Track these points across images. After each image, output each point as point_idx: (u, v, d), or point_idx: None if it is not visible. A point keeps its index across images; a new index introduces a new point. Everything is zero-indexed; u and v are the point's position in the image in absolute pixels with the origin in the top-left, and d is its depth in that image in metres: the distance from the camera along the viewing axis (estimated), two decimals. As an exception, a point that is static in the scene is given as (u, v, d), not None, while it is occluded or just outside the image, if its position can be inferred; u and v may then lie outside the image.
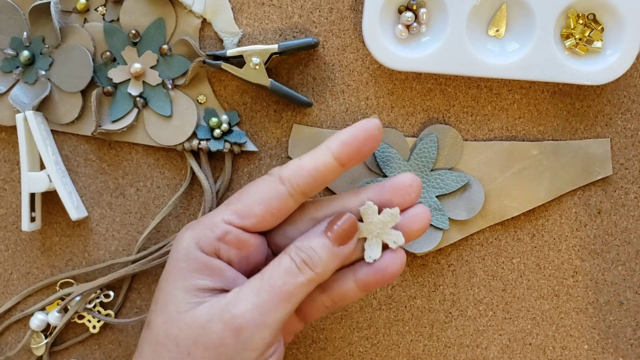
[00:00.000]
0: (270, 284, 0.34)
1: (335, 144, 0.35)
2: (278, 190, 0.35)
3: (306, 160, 0.35)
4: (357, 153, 0.35)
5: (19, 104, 0.43)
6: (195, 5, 0.43)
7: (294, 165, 0.35)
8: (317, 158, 0.35)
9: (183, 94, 0.44)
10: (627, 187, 0.45)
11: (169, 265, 0.36)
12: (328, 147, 0.35)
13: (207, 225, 0.35)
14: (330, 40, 0.44)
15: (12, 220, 0.46)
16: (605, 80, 0.42)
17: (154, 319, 0.35)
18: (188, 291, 0.34)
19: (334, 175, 0.35)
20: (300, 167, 0.35)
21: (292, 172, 0.35)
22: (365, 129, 0.35)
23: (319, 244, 0.35)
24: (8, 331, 0.46)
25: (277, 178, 0.35)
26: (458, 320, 0.45)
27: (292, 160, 0.36)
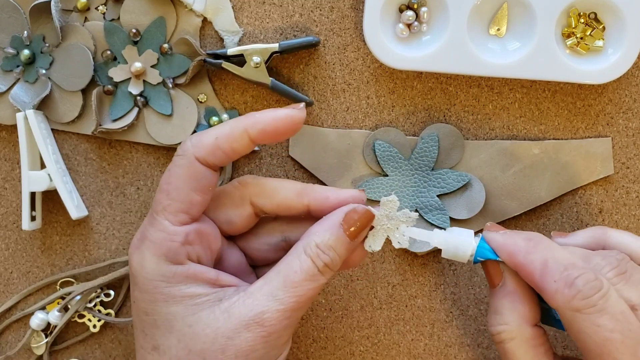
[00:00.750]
0: (295, 292, 0.34)
1: (254, 130, 0.34)
2: (198, 170, 0.34)
3: (223, 141, 0.34)
4: (273, 139, 0.35)
5: (19, 103, 0.43)
6: (195, 4, 0.43)
7: (208, 144, 0.34)
8: (233, 139, 0.34)
9: (184, 93, 0.44)
10: (628, 187, 0.45)
11: (146, 292, 0.34)
12: (246, 130, 0.34)
13: (161, 238, 0.34)
14: (331, 39, 0.44)
15: (13, 219, 0.46)
16: (606, 80, 0.42)
17: (163, 341, 0.34)
18: (186, 306, 0.34)
19: (245, 152, 0.35)
20: (216, 148, 0.34)
21: (207, 152, 0.34)
22: (290, 121, 0.35)
23: (338, 242, 0.34)
24: (8, 330, 0.46)
25: (193, 159, 0.34)
26: (459, 319, 0.45)
27: (205, 136, 0.34)
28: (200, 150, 0.34)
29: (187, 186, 0.34)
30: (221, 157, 0.34)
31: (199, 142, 0.34)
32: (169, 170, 0.35)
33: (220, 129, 0.35)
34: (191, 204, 0.34)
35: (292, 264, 0.34)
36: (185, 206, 0.34)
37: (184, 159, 0.34)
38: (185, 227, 0.34)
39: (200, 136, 0.35)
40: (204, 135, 0.35)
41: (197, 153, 0.34)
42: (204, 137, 0.34)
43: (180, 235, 0.34)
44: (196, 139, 0.35)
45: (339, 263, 0.35)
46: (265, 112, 0.35)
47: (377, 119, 0.44)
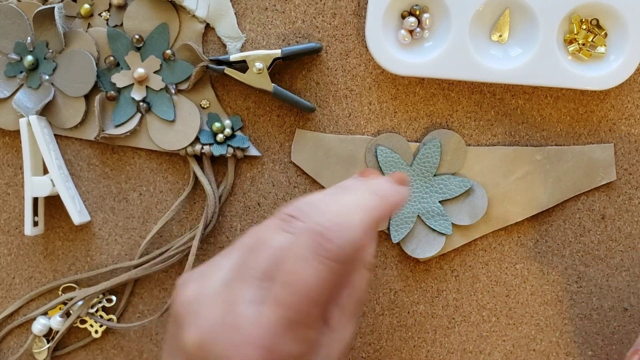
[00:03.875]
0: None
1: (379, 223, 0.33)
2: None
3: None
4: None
5: (22, 109, 0.43)
6: (198, 11, 0.43)
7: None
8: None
9: (186, 98, 0.44)
10: (631, 193, 0.45)
11: None
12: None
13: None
14: (333, 45, 0.44)
15: (15, 225, 0.46)
16: (608, 86, 0.42)
17: None
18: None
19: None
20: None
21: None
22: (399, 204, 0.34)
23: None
24: (10, 335, 0.46)
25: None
26: (461, 326, 0.45)
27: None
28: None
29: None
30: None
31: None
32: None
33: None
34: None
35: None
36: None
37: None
38: None
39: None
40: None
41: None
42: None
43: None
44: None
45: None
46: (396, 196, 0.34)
47: (379, 125, 0.44)
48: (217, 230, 0.45)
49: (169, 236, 0.45)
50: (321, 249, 0.29)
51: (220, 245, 0.45)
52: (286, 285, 0.28)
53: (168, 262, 0.44)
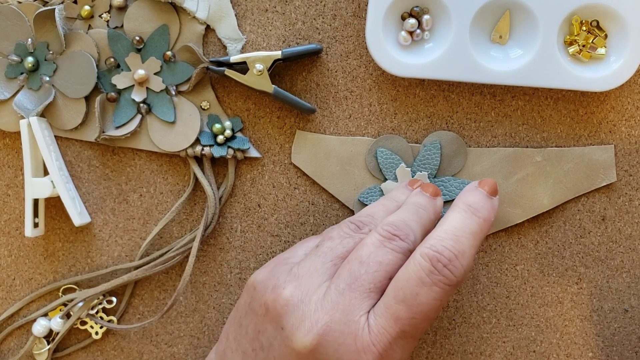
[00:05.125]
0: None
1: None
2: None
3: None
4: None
5: (23, 110, 0.43)
6: (199, 12, 0.43)
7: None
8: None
9: (186, 100, 0.44)
10: (631, 194, 0.45)
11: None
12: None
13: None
14: (334, 46, 0.44)
15: (16, 226, 0.46)
16: (609, 87, 0.42)
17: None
18: None
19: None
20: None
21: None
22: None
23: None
24: (10, 337, 0.46)
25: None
26: (461, 327, 0.45)
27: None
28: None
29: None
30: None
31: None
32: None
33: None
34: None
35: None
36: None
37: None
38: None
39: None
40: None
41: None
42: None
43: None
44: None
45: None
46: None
47: (380, 127, 0.44)
48: (218, 232, 0.45)
49: (169, 237, 0.45)
50: (440, 275, 0.32)
51: (221, 247, 0.45)
52: (407, 304, 0.32)
53: (168, 263, 0.44)
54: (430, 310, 0.32)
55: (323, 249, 0.36)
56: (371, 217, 0.37)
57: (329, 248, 0.36)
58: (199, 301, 0.45)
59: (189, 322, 0.46)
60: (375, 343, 0.32)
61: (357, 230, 0.36)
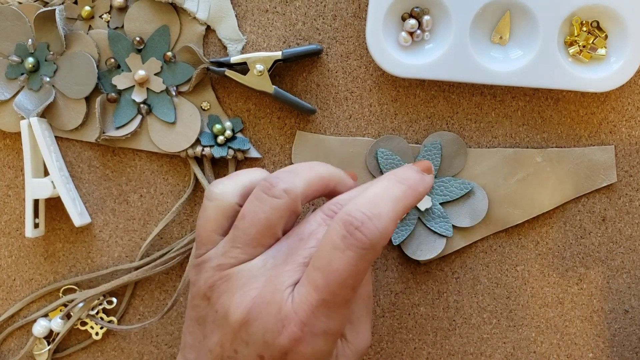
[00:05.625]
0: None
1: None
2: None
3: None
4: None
5: (23, 111, 0.43)
6: (199, 13, 0.43)
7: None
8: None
9: (187, 100, 0.44)
10: (631, 195, 0.45)
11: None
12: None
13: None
14: (334, 47, 0.44)
15: (16, 227, 0.46)
16: (609, 88, 0.42)
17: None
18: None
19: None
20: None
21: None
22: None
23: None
24: (11, 337, 0.46)
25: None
26: (462, 328, 0.45)
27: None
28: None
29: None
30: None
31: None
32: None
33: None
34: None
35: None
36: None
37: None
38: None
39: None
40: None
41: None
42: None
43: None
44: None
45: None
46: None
47: (380, 127, 0.44)
48: (218, 232, 0.45)
49: (170, 238, 0.45)
50: (353, 238, 0.32)
51: (221, 247, 0.45)
52: (322, 271, 0.32)
53: (169, 264, 0.44)
54: (347, 276, 0.31)
55: (290, 233, 0.36)
56: (344, 201, 0.36)
57: (294, 232, 0.36)
58: (199, 302, 0.45)
59: (189, 322, 0.46)
60: (297, 311, 0.32)
61: (328, 218, 0.36)
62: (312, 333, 0.32)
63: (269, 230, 0.34)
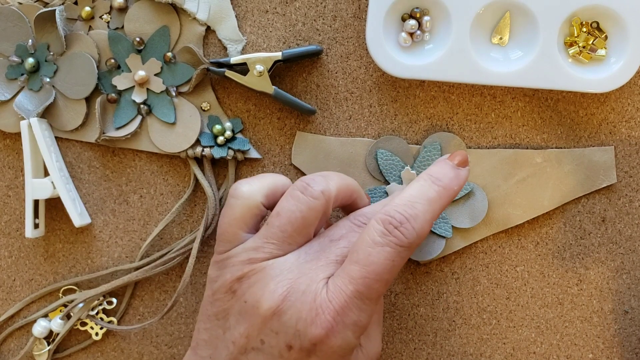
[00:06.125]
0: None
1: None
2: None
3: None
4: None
5: (23, 111, 0.43)
6: (199, 13, 0.43)
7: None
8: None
9: (187, 101, 0.44)
10: (631, 195, 0.45)
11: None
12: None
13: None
14: (334, 48, 0.44)
15: (16, 227, 0.46)
16: (609, 88, 0.42)
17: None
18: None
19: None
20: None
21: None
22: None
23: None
24: (11, 338, 0.46)
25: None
26: (462, 328, 0.45)
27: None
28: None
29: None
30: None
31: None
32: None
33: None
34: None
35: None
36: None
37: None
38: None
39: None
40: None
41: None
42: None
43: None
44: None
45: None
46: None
47: (380, 128, 0.44)
48: (218, 233, 0.45)
49: (170, 238, 0.45)
50: (392, 236, 0.34)
51: (221, 248, 0.45)
52: (360, 263, 0.33)
53: (168, 264, 0.44)
54: (383, 270, 0.33)
55: (320, 235, 0.38)
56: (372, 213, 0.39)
57: (324, 234, 0.38)
58: (199, 302, 0.45)
59: (189, 323, 0.46)
60: (331, 299, 0.33)
61: (357, 227, 0.38)
62: (344, 323, 0.33)
63: (304, 228, 0.36)
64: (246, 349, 0.35)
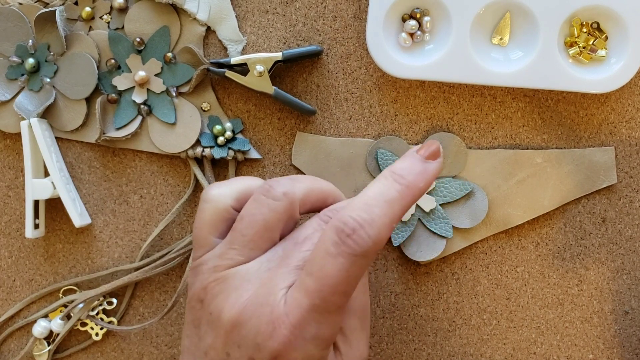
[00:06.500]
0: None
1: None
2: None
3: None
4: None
5: (23, 111, 0.43)
6: (199, 14, 0.43)
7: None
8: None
9: (187, 101, 0.44)
10: (631, 196, 0.45)
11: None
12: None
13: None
14: (334, 48, 0.44)
15: (16, 227, 0.46)
16: (609, 89, 0.42)
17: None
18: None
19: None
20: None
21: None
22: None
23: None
24: (11, 338, 0.46)
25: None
26: (462, 329, 0.45)
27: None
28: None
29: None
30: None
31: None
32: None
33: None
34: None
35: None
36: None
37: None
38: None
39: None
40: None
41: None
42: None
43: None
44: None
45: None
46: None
47: (380, 128, 0.44)
48: (218, 233, 0.45)
49: (170, 239, 0.45)
50: (344, 245, 0.31)
51: (221, 248, 0.45)
52: (314, 276, 0.31)
53: (169, 264, 0.44)
54: (338, 282, 0.31)
55: (287, 238, 0.36)
56: (340, 206, 0.36)
57: (290, 237, 0.36)
58: (199, 302, 0.45)
59: (189, 323, 0.46)
60: (288, 313, 0.31)
61: (324, 223, 0.36)
62: (303, 337, 0.32)
63: (266, 232, 0.34)
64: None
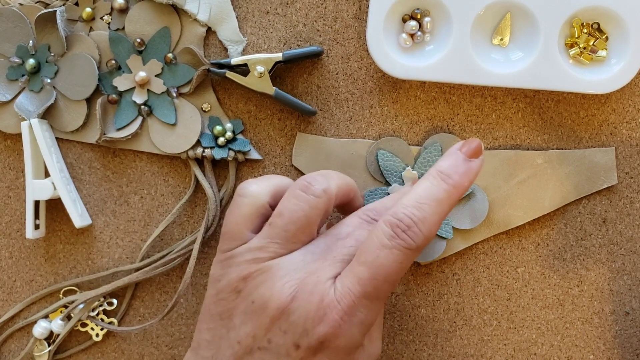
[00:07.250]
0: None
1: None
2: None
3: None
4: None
5: (24, 112, 0.43)
6: (200, 14, 0.43)
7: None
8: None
9: (187, 102, 0.44)
10: (632, 196, 0.45)
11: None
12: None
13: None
14: (335, 48, 0.44)
15: (16, 228, 0.46)
16: (609, 89, 0.42)
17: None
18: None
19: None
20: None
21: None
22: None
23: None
24: (11, 339, 0.46)
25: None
26: (462, 329, 0.45)
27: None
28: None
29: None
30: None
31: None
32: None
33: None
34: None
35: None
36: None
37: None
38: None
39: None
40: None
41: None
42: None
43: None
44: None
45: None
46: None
47: (380, 129, 0.44)
48: (218, 234, 0.45)
49: (170, 239, 0.45)
50: (400, 239, 0.34)
51: (221, 249, 0.45)
52: (368, 265, 0.34)
53: (169, 265, 0.44)
54: (391, 272, 0.34)
55: (327, 233, 0.38)
56: (382, 208, 0.38)
57: (329, 232, 0.38)
58: (199, 303, 0.45)
59: (190, 324, 0.46)
60: (339, 300, 0.33)
61: (367, 224, 0.38)
62: (351, 322, 0.34)
63: (307, 227, 0.36)
64: (252, 349, 0.35)
